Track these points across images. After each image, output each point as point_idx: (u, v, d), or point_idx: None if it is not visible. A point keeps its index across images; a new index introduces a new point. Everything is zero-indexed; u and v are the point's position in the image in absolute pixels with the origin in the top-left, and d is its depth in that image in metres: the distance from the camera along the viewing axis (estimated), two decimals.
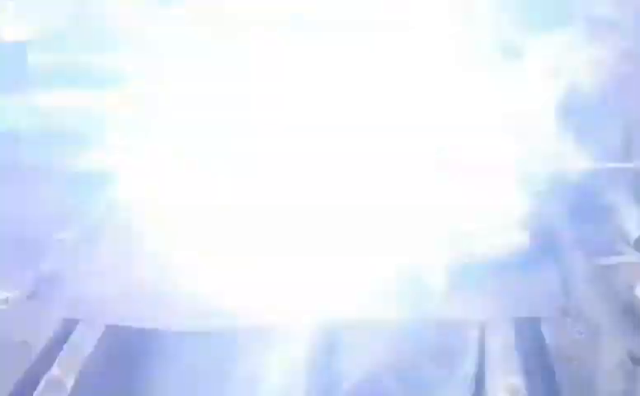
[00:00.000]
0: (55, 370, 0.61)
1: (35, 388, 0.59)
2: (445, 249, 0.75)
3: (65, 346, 0.64)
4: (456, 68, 1.17)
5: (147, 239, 0.82)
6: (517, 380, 0.60)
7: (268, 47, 1.14)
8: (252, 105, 1.08)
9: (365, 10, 1.26)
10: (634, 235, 0.86)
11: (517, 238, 0.76)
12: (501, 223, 0.83)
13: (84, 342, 0.65)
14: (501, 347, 0.64)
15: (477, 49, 1.21)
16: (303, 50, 1.11)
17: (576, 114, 1.07)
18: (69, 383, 0.60)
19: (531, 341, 0.66)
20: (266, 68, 1.14)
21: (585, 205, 0.99)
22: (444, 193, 0.91)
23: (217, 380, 0.68)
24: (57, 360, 0.63)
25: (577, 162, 0.94)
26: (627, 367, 0.61)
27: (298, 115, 1.04)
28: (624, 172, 0.99)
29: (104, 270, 0.75)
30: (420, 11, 1.25)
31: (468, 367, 0.65)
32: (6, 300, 0.79)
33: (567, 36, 1.16)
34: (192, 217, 0.88)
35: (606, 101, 1.24)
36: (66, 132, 1.08)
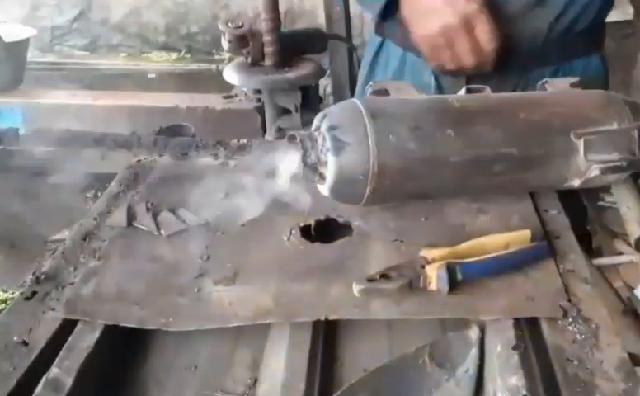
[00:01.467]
0: (55, 370, 0.61)
1: (34, 389, 0.59)
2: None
3: (65, 346, 0.64)
4: None
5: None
6: (517, 380, 0.60)
7: None
8: None
9: None
10: (635, 235, 0.86)
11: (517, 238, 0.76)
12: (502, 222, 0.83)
13: (84, 342, 0.65)
14: (501, 347, 0.64)
15: None
16: None
17: None
18: (69, 383, 0.60)
19: (531, 341, 0.67)
20: None
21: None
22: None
23: (216, 379, 0.68)
24: (57, 360, 0.63)
25: None
26: (627, 367, 0.61)
27: None
28: None
29: (104, 270, 0.75)
30: None
31: (468, 367, 0.65)
32: (5, 300, 0.79)
33: None
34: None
35: None
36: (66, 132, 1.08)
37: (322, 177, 0.76)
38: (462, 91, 0.86)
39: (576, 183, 0.83)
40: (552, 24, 1.08)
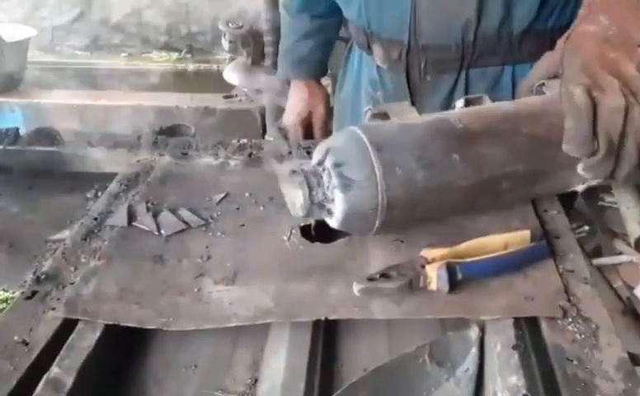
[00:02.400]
0: (55, 370, 0.61)
1: (35, 389, 0.59)
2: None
3: (65, 346, 0.64)
4: None
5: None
6: (517, 380, 0.60)
7: None
8: None
9: None
10: (634, 235, 0.86)
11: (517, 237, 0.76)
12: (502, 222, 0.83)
13: (84, 342, 0.65)
14: (501, 347, 0.64)
15: None
16: None
17: None
18: (69, 382, 0.60)
19: (531, 341, 0.67)
20: None
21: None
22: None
23: (217, 379, 0.68)
24: (57, 359, 0.63)
25: None
26: (626, 367, 0.61)
27: None
28: None
29: (104, 269, 0.75)
30: None
31: (468, 367, 0.65)
32: (6, 300, 0.79)
33: None
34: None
35: None
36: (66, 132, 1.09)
37: (330, 213, 0.74)
38: (460, 103, 0.85)
39: (579, 188, 0.83)
40: (502, 22, 1.08)
